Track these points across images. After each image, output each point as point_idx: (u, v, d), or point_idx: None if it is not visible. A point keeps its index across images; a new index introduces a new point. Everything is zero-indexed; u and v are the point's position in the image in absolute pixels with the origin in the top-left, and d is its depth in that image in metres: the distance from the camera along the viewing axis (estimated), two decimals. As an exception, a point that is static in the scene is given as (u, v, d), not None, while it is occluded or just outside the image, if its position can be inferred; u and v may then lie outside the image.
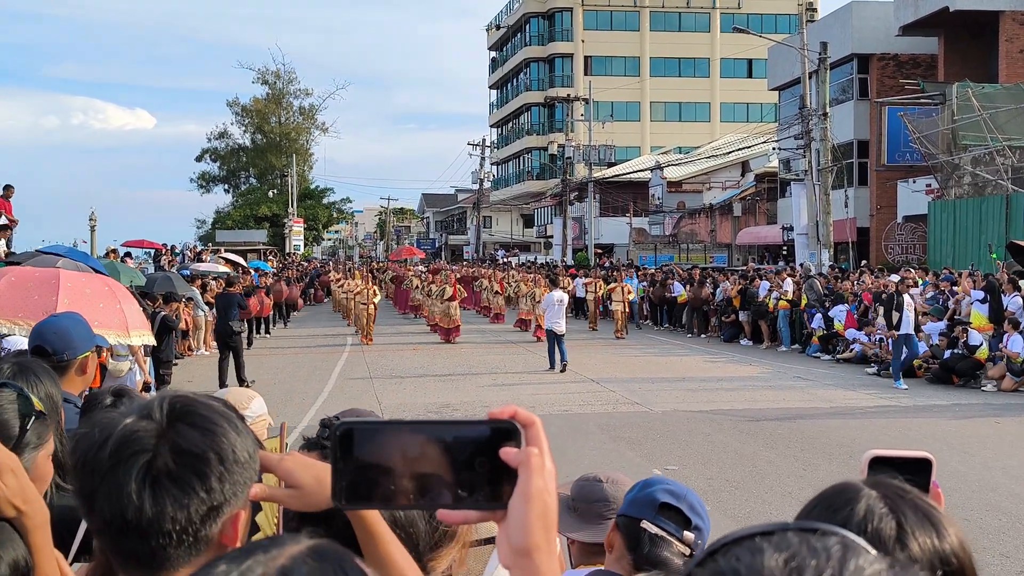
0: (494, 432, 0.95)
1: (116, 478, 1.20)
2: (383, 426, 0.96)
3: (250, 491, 1.27)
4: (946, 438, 11.70)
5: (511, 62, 73.99)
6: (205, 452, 1.22)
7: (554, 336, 18.52)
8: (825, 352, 20.97)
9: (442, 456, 0.94)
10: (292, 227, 61.34)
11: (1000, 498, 8.83)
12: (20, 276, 5.87)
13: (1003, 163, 25.28)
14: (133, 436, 1.22)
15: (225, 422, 1.26)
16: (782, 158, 37.29)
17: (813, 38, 29.19)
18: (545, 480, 0.94)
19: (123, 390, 3.21)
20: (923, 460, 1.45)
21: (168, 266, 27.90)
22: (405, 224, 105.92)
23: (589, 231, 49.89)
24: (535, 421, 0.96)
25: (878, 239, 32.76)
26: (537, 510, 0.94)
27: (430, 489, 0.95)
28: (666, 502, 2.24)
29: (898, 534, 1.17)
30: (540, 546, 0.94)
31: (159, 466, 1.21)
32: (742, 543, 0.73)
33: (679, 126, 68.83)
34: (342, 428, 0.95)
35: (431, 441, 0.94)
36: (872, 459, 1.45)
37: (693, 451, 11.07)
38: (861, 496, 1.21)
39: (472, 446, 0.95)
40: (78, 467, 1.25)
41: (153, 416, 1.23)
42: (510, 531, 0.94)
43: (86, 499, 1.24)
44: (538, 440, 0.96)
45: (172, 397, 1.27)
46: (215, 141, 74.84)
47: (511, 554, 0.95)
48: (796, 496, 8.97)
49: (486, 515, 0.96)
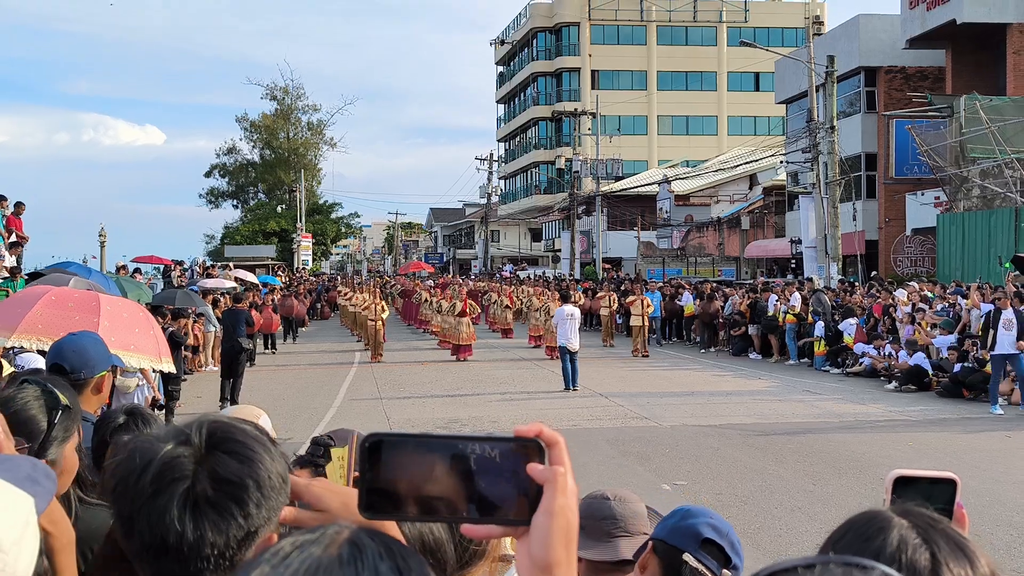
0: (519, 449, 0.97)
1: (158, 503, 1.23)
2: (410, 439, 0.98)
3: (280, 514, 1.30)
4: (956, 452, 11.64)
5: (518, 76, 74.20)
6: (244, 479, 1.25)
7: (567, 353, 17.81)
8: (834, 366, 20.91)
9: (467, 471, 0.96)
10: (300, 242, 61.48)
11: (1011, 513, 8.78)
12: (60, 296, 5.96)
13: (1012, 176, 25.22)
14: (174, 463, 1.25)
15: (261, 448, 1.29)
16: (790, 171, 37.28)
17: (820, 51, 29.22)
18: (568, 498, 0.97)
19: (135, 409, 3.24)
20: (949, 480, 1.44)
21: (177, 282, 27.98)
22: (413, 239, 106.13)
23: (597, 245, 49.89)
24: (559, 440, 0.99)
25: (887, 252, 32.70)
26: (560, 526, 0.96)
27: (454, 503, 0.96)
28: (709, 537, 2.22)
29: (932, 565, 1.15)
30: (561, 562, 0.96)
31: (200, 492, 1.24)
32: (784, 575, 0.72)
33: (686, 139, 68.89)
34: (371, 440, 0.97)
35: (457, 455, 0.96)
36: (896, 479, 1.43)
37: (702, 466, 11.04)
38: (893, 526, 1.19)
39: (497, 462, 0.97)
40: (117, 491, 1.27)
41: (192, 442, 1.26)
42: (532, 546, 0.96)
43: (125, 522, 1.26)
44: (562, 459, 0.98)
45: (211, 423, 1.30)
46: (224, 157, 75.20)
47: (532, 569, 0.96)
48: (805, 511, 8.94)
49: (509, 531, 0.97)
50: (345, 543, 0.82)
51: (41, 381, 2.32)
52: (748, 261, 44.16)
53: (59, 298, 5.84)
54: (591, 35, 68.76)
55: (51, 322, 5.50)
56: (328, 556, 0.80)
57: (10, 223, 19.04)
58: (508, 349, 27.12)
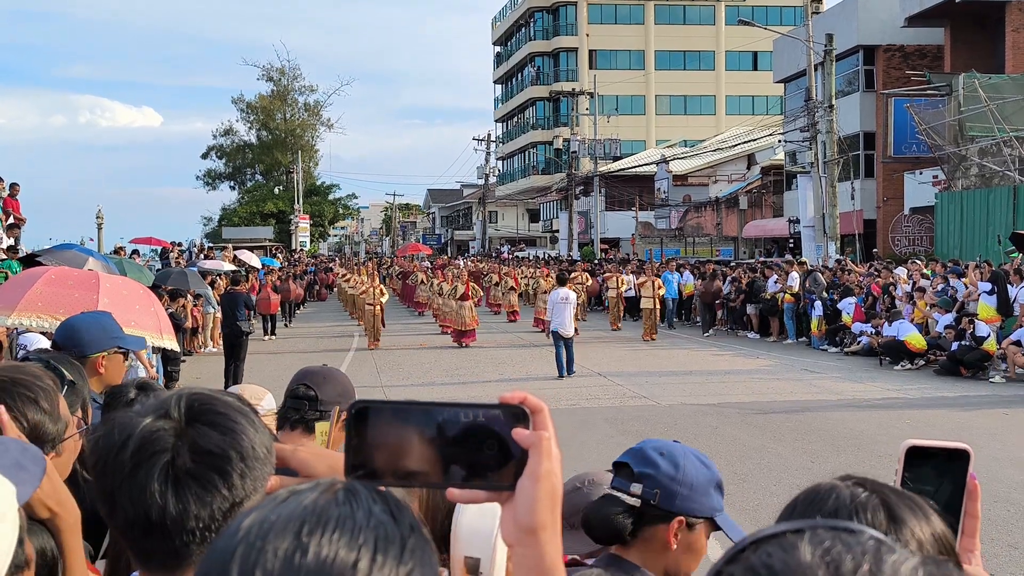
0: (504, 415, 0.99)
1: (138, 478, 1.21)
2: (397, 406, 0.99)
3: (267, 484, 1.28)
4: (954, 429, 11.69)
5: (516, 57, 73.94)
6: (226, 450, 1.23)
7: (560, 339, 16.93)
8: (832, 345, 20.95)
9: (453, 437, 0.97)
10: (298, 224, 61.40)
11: (1008, 489, 8.83)
12: (59, 275, 5.96)
13: (1010, 154, 25.20)
14: (153, 436, 1.23)
15: (243, 419, 1.27)
16: (788, 151, 37.21)
17: (819, 30, 29.10)
18: (553, 463, 0.98)
19: (147, 383, 3.22)
20: (962, 451, 1.42)
21: (175, 263, 27.95)
22: (411, 220, 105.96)
23: (595, 225, 49.86)
24: (543, 408, 1.00)
25: (885, 231, 32.69)
26: (545, 490, 0.97)
27: (440, 469, 0.97)
28: (617, 461, 2.13)
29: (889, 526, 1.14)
30: (546, 525, 0.98)
31: (180, 465, 1.22)
32: (772, 540, 0.73)
33: (684, 119, 68.73)
34: (357, 406, 0.98)
35: (443, 422, 0.98)
36: (909, 449, 1.41)
37: (700, 444, 11.05)
38: (839, 487, 1.19)
39: (482, 428, 0.98)
40: (98, 467, 1.26)
41: (171, 415, 1.25)
42: (517, 510, 0.98)
43: (107, 499, 1.25)
44: (546, 425, 1.00)
45: (189, 395, 1.28)
46: (221, 138, 74.94)
47: (517, 532, 0.98)
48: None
49: (493, 495, 0.99)
50: (340, 489, 0.85)
51: (44, 358, 2.32)
52: (746, 241, 44.15)
53: (59, 276, 5.84)
54: (588, 14, 68.48)
55: (51, 300, 5.49)
56: (324, 498, 0.83)
57: (7, 204, 19.00)
58: (508, 332, 26.28)
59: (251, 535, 0.80)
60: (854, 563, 0.68)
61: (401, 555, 0.81)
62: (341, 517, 0.81)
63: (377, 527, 0.81)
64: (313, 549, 0.78)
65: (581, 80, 63.96)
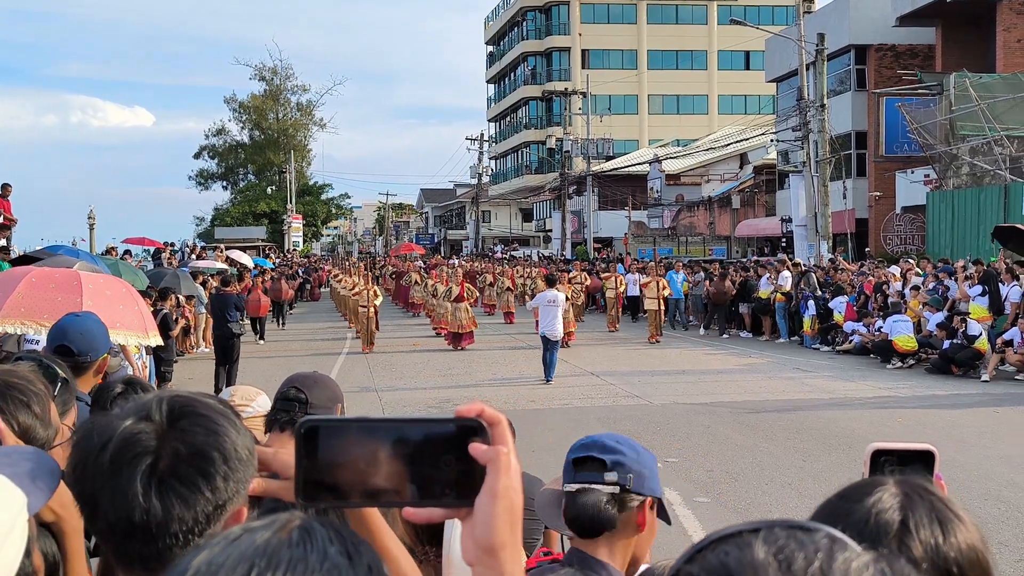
0: (460, 430, 0.95)
1: (120, 481, 1.20)
2: (348, 424, 0.95)
3: (249, 487, 1.28)
4: (945, 428, 11.73)
5: (508, 56, 73.94)
6: (209, 452, 1.22)
7: (548, 343, 16.14)
8: (824, 343, 21.00)
9: (408, 454, 0.94)
10: (291, 223, 61.32)
11: (998, 487, 8.86)
12: (41, 277, 5.88)
13: (1001, 153, 25.28)
14: (134, 438, 1.22)
15: (225, 420, 1.26)
16: (780, 150, 37.32)
17: (810, 29, 29.16)
18: (511, 478, 0.95)
19: (133, 379, 3.21)
20: (926, 452, 1.45)
21: (167, 264, 27.88)
22: (404, 219, 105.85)
23: (588, 225, 49.90)
24: (501, 420, 0.97)
25: (877, 230, 32.78)
26: (503, 507, 0.94)
27: (395, 487, 0.94)
28: (577, 458, 2.15)
29: (900, 528, 1.17)
30: (505, 544, 0.95)
31: (164, 467, 1.21)
32: (730, 540, 0.74)
33: (677, 119, 68.79)
34: (306, 425, 0.94)
35: (397, 439, 0.94)
36: (875, 452, 1.45)
37: (693, 443, 11.10)
38: (878, 490, 1.21)
39: (438, 444, 0.95)
40: (77, 470, 1.24)
41: (152, 417, 1.23)
42: (476, 528, 0.94)
43: (87, 502, 1.23)
44: (504, 439, 0.96)
45: (171, 397, 1.27)
46: (213, 138, 74.89)
47: (476, 551, 0.95)
48: (796, 487, 9.01)
49: (451, 513, 0.96)
50: (296, 528, 0.82)
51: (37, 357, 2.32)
52: (739, 240, 44.22)
53: (40, 279, 5.76)
54: (581, 14, 68.50)
55: (33, 305, 5.44)
56: (278, 539, 0.80)
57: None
58: (504, 334, 25.47)
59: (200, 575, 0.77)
60: (806, 560, 0.69)
61: None
62: (293, 560, 0.77)
63: (330, 570, 0.78)
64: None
65: (574, 79, 63.98)
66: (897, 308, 18.52)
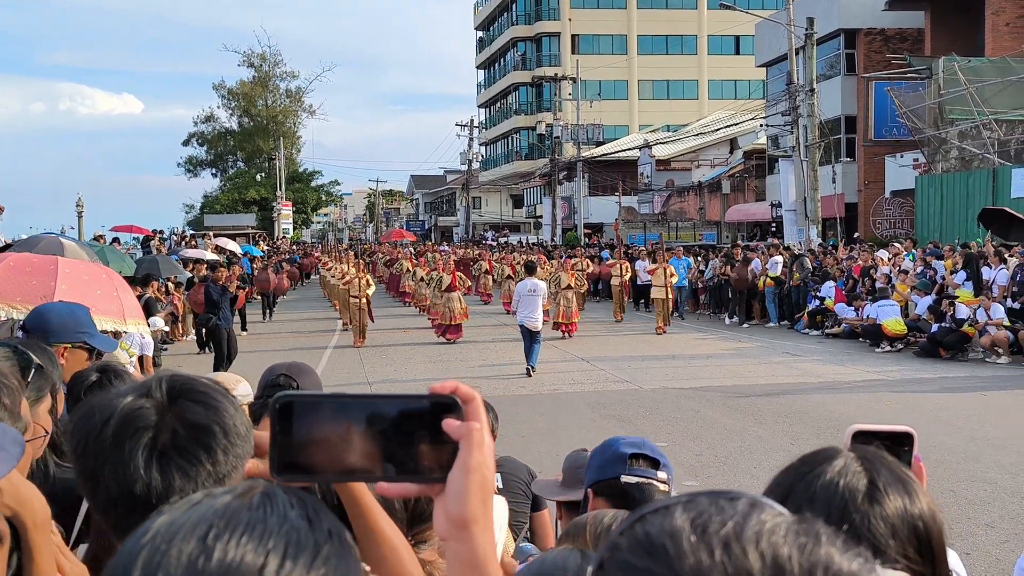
0: (434, 406, 0.96)
1: (121, 455, 1.22)
2: (323, 399, 0.96)
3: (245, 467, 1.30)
4: (933, 411, 11.78)
5: (498, 42, 73.69)
6: (210, 425, 1.25)
7: (528, 333, 15.63)
8: (813, 328, 21.06)
9: (382, 430, 0.95)
10: (281, 211, 61.15)
11: (985, 469, 8.92)
12: (18, 261, 5.85)
13: (989, 136, 25.34)
14: (135, 413, 1.24)
15: (223, 398, 1.30)
16: (770, 135, 37.29)
17: (800, 14, 29.12)
18: (484, 454, 0.97)
19: (107, 366, 3.18)
20: (905, 434, 1.47)
21: (156, 251, 27.77)
22: (395, 206, 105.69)
23: (578, 211, 49.88)
24: (475, 397, 0.98)
25: (866, 214, 32.83)
26: (476, 482, 0.96)
27: (369, 462, 0.95)
28: (633, 453, 2.37)
29: (869, 490, 1.21)
30: (477, 518, 0.97)
31: (165, 440, 1.24)
32: (658, 511, 0.76)
33: (667, 104, 68.71)
34: (281, 401, 0.95)
35: (371, 415, 0.95)
36: (855, 433, 1.47)
37: (682, 427, 11.13)
38: (839, 455, 1.26)
39: (412, 420, 0.96)
40: (79, 448, 1.26)
41: (153, 394, 1.27)
42: (448, 502, 0.96)
43: (89, 479, 1.25)
44: (478, 415, 0.98)
45: (169, 376, 1.30)
46: (202, 125, 74.52)
47: (448, 525, 0.97)
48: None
49: (425, 488, 0.97)
50: (258, 493, 0.83)
51: (11, 343, 2.31)
52: (729, 225, 44.25)
53: (17, 263, 5.73)
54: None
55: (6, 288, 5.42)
56: (238, 502, 0.81)
57: (-16, 193, 18.84)
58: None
59: (158, 537, 0.79)
60: (720, 523, 0.71)
61: (312, 561, 0.78)
62: (251, 522, 0.79)
63: (289, 532, 0.79)
64: (218, 553, 0.76)
65: (564, 65, 63.82)
66: (884, 293, 18.58)
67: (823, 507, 1.20)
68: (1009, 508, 7.74)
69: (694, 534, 0.71)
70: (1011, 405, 12.36)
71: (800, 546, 0.70)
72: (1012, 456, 9.40)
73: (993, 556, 6.66)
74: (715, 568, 0.68)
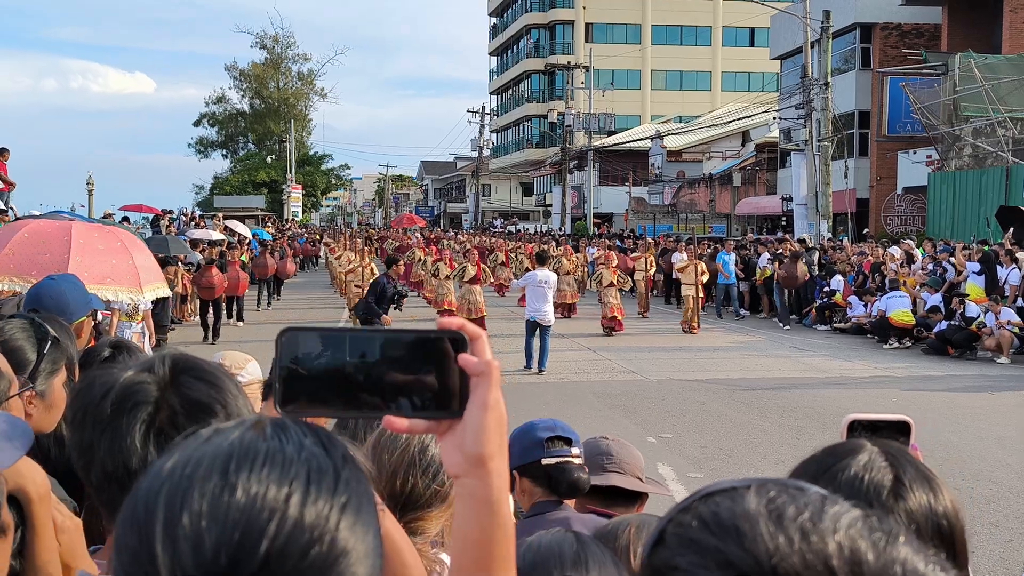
0: (443, 342, 0.95)
1: (119, 429, 1.21)
2: (328, 333, 0.94)
3: None
4: (940, 408, 11.74)
5: (511, 28, 73.44)
6: (212, 404, 1.25)
7: (536, 327, 14.51)
8: (821, 322, 21.00)
9: (389, 365, 0.93)
10: (290, 193, 61.17)
11: (991, 468, 8.88)
12: (33, 232, 5.80)
13: (1004, 135, 25.17)
14: (135, 387, 1.24)
15: (226, 378, 1.30)
16: (783, 128, 37.13)
17: (816, 6, 28.94)
18: (500, 392, 0.96)
19: (121, 342, 3.18)
20: (902, 423, 1.47)
21: (165, 231, 27.81)
22: (404, 192, 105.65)
23: (588, 200, 49.78)
24: (482, 335, 0.97)
25: (877, 210, 32.70)
26: (494, 419, 0.95)
27: (376, 397, 0.93)
28: (549, 436, 2.60)
29: (894, 486, 1.22)
30: (495, 454, 0.96)
31: (163, 418, 1.23)
32: (723, 492, 0.75)
33: (680, 95, 68.45)
34: (286, 333, 0.94)
35: (378, 349, 0.93)
36: (851, 422, 1.47)
37: (688, 419, 11.12)
38: (864, 449, 1.27)
39: (420, 355, 0.94)
40: (76, 420, 1.25)
41: (155, 370, 1.26)
42: (466, 439, 0.94)
43: (85, 452, 1.24)
44: (484, 354, 0.97)
45: (174, 354, 1.30)
46: (213, 106, 74.58)
47: (464, 464, 0.95)
48: (789, 464, 8.92)
49: (433, 425, 0.95)
50: (268, 424, 0.82)
51: (28, 315, 2.31)
52: (739, 218, 44.14)
53: (31, 234, 5.72)
54: (585, -13, 67.99)
55: (23, 262, 5.41)
56: (251, 434, 0.80)
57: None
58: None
59: (175, 476, 0.77)
60: (796, 511, 0.72)
61: (335, 487, 0.79)
62: (270, 451, 0.78)
63: (309, 460, 0.79)
64: (242, 486, 0.75)
65: (577, 53, 63.60)
66: (895, 285, 18.51)
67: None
68: (1015, 508, 7.72)
69: (770, 519, 0.71)
70: (1019, 405, 12.32)
71: (875, 541, 0.70)
72: (1018, 456, 9.36)
73: (998, 555, 6.64)
74: (794, 554, 0.69)
